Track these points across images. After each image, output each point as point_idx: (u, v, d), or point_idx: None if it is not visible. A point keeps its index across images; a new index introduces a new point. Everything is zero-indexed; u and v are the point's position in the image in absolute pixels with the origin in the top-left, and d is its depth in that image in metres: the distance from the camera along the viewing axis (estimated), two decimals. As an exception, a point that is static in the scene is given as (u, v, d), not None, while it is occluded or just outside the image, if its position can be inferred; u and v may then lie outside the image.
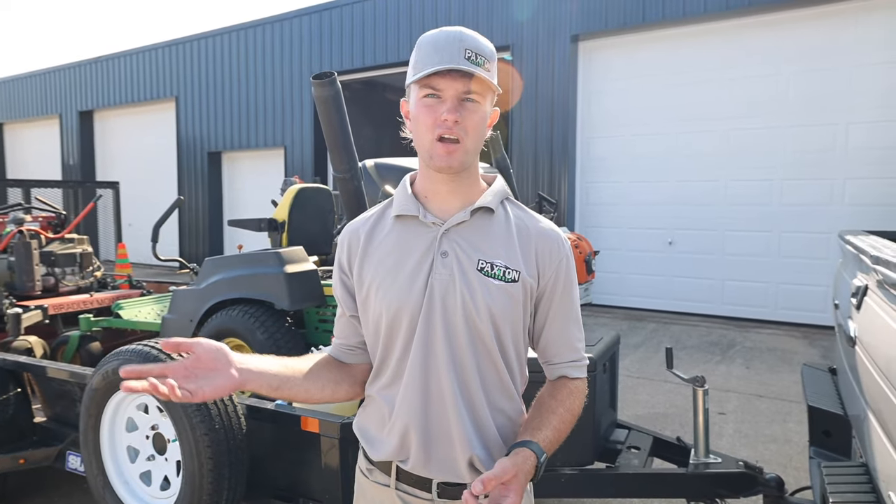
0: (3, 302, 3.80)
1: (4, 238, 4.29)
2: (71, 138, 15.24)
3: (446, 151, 1.06)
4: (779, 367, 5.39)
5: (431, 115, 1.06)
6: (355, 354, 1.22)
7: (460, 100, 1.05)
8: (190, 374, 0.97)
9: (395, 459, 1.14)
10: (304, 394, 1.12)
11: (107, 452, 2.32)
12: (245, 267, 3.26)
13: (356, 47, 10.43)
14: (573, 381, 1.18)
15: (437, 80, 1.04)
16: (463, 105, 1.05)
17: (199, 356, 0.98)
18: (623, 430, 2.69)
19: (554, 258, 1.15)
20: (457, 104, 1.05)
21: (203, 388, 0.96)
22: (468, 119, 1.06)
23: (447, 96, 1.05)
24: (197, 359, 0.98)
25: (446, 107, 1.04)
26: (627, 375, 5.07)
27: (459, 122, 1.05)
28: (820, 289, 6.80)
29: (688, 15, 7.41)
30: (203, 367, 0.98)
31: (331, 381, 1.17)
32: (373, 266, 1.15)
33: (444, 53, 1.04)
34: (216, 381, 0.98)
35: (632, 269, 8.09)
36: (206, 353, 0.99)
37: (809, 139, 6.92)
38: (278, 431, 2.18)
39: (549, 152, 8.54)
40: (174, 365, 0.96)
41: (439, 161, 1.07)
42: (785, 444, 3.74)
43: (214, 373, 0.99)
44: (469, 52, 1.04)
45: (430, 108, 1.06)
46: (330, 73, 2.26)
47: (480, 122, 1.08)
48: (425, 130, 1.07)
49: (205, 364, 0.98)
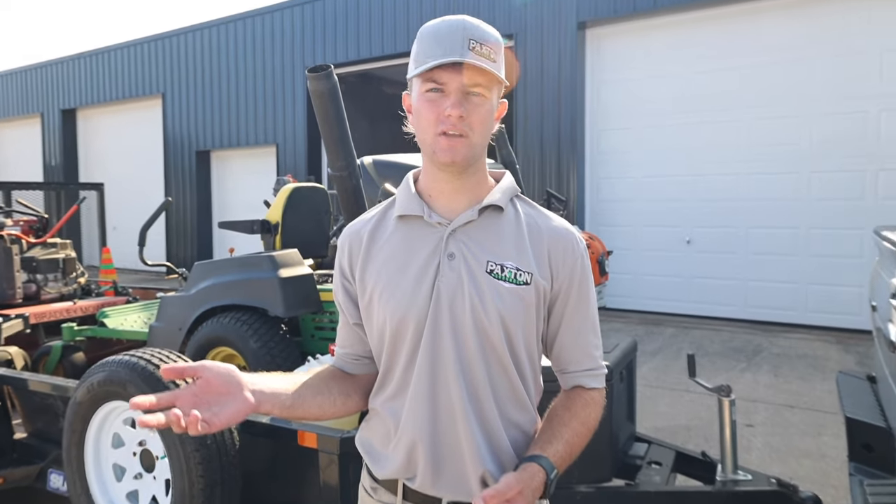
0: (-19, 311, 3.80)
1: (-18, 244, 4.29)
2: (53, 138, 15.33)
3: (450, 145, 1.05)
4: (810, 375, 5.34)
5: (434, 110, 1.05)
6: (361, 364, 1.21)
7: (465, 93, 1.04)
8: (201, 401, 0.94)
9: (402, 477, 1.13)
10: (317, 410, 1.12)
11: (91, 470, 2.31)
12: (237, 271, 3.26)
13: (350, 39, 10.45)
14: (589, 392, 1.16)
15: (439, 73, 1.03)
16: (468, 99, 1.04)
17: (208, 381, 0.96)
18: (643, 443, 2.66)
19: (568, 259, 1.13)
20: (461, 98, 1.04)
21: (218, 415, 0.94)
22: (473, 113, 1.05)
23: (451, 90, 1.03)
24: (206, 383, 0.96)
25: (450, 101, 1.03)
26: (645, 385, 5.04)
27: (464, 116, 1.03)
28: (853, 289, 6.74)
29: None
30: (214, 392, 0.96)
31: (341, 393, 1.16)
32: (375, 270, 1.14)
33: (447, 44, 1.02)
34: (231, 407, 0.96)
35: (647, 270, 8.05)
36: (216, 377, 0.97)
37: (838, 128, 6.87)
38: (274, 447, 2.17)
39: (556, 147, 8.53)
40: (183, 392, 0.93)
41: (443, 156, 1.06)
42: (820, 459, 3.70)
43: (227, 397, 0.96)
44: (473, 43, 1.03)
45: (433, 102, 1.05)
46: (326, 65, 2.27)
47: (487, 116, 1.07)
48: (428, 126, 1.06)
49: (216, 388, 0.96)
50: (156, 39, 13.23)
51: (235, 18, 11.99)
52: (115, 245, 8.85)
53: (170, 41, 13.01)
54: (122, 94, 13.91)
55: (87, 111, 15.10)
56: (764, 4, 7.22)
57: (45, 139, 15.48)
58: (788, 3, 7.10)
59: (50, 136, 15.39)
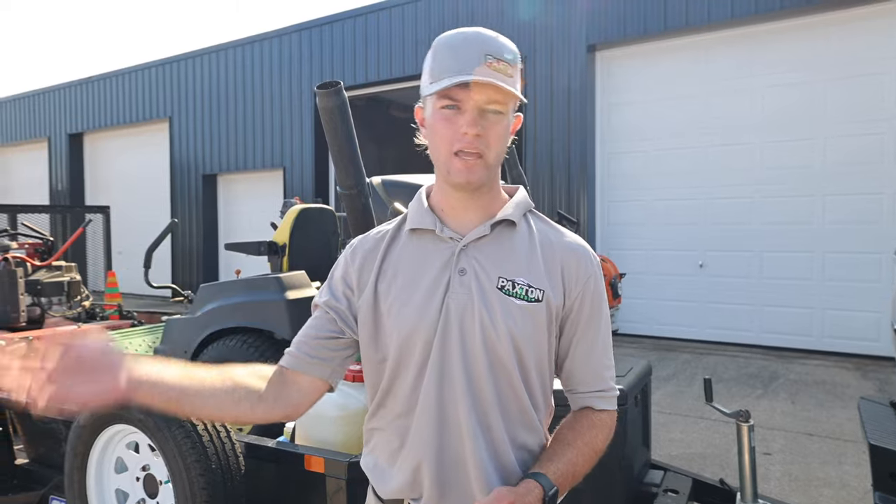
0: (-15, 334, 3.82)
1: (-12, 266, 4.34)
2: (60, 162, 15.56)
3: (465, 167, 1.04)
4: (829, 402, 5.26)
5: (450, 127, 1.04)
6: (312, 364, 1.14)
7: (481, 111, 1.03)
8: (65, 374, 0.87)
9: (407, 497, 1.12)
10: (212, 409, 1.05)
11: (93, 496, 2.30)
12: (243, 294, 3.27)
13: (358, 62, 10.62)
14: (598, 413, 1.15)
15: (455, 90, 1.03)
16: (484, 116, 1.03)
17: (79, 355, 0.90)
18: (658, 471, 2.62)
19: (582, 275, 1.13)
20: (477, 117, 1.03)
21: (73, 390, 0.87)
22: (490, 132, 1.04)
23: (467, 108, 1.03)
24: (77, 358, 0.89)
25: (466, 119, 1.03)
26: (659, 411, 4.97)
27: (481, 135, 1.03)
28: (871, 315, 6.67)
29: (713, 20, 7.47)
30: (83, 368, 0.89)
31: (252, 395, 1.07)
32: (386, 284, 1.13)
33: (464, 60, 1.02)
34: (92, 387, 0.89)
35: (659, 295, 8.01)
36: (90, 351, 0.91)
37: (851, 150, 6.88)
38: (279, 471, 2.15)
39: (566, 170, 8.57)
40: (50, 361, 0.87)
41: (458, 177, 1.06)
42: (842, 488, 3.63)
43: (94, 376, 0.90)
44: (490, 58, 1.02)
45: (449, 120, 1.04)
46: (335, 82, 2.29)
47: (503, 133, 1.07)
48: (442, 144, 1.06)
49: (86, 364, 0.90)
50: (163, 64, 13.50)
51: (242, 42, 12.23)
52: (121, 270, 8.90)
53: (177, 65, 13.27)
54: (128, 119, 14.15)
55: (94, 135, 15.36)
56: (775, 26, 7.30)
57: (52, 163, 15.72)
58: (800, 24, 7.18)
59: (57, 160, 15.63)
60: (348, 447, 2.11)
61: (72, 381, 0.88)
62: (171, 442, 2.01)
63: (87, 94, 15.00)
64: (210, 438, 2.04)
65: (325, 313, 1.16)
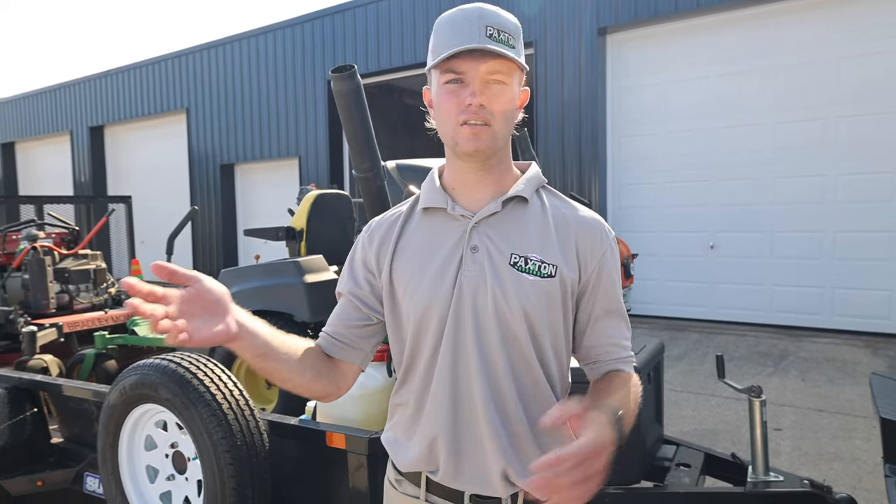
0: (18, 320, 3.91)
1: (18, 255, 4.42)
2: (82, 154, 15.72)
3: (473, 133, 1.03)
4: (839, 379, 5.23)
5: (454, 100, 1.03)
6: (341, 348, 1.17)
7: (485, 82, 1.02)
8: (186, 310, 0.90)
9: (424, 470, 1.12)
10: (284, 372, 1.06)
11: (125, 472, 2.35)
12: (263, 278, 3.31)
13: (371, 50, 10.57)
14: (626, 373, 1.12)
15: (458, 62, 1.01)
16: (488, 87, 1.02)
17: (199, 293, 0.92)
18: (671, 446, 2.62)
19: (597, 250, 1.11)
20: (482, 87, 1.02)
21: (199, 330, 0.90)
22: (495, 101, 1.03)
23: (470, 79, 1.02)
24: (197, 295, 0.92)
25: (470, 90, 1.02)
26: (670, 389, 4.97)
27: (486, 105, 1.02)
28: (882, 293, 6.59)
29: (724, 1, 7.32)
30: (200, 307, 0.92)
31: (313, 369, 1.10)
32: (402, 263, 1.13)
33: (464, 33, 1.01)
34: (212, 327, 0.92)
35: (671, 276, 7.96)
36: (208, 293, 0.93)
37: (864, 129, 6.74)
38: (302, 448, 2.18)
39: (577, 153, 8.50)
40: (174, 295, 0.89)
41: (466, 144, 1.04)
42: (851, 462, 3.61)
43: (212, 316, 0.93)
44: (491, 30, 1.01)
45: (453, 93, 1.03)
46: (350, 65, 2.27)
47: (509, 104, 1.05)
48: (449, 117, 1.05)
49: (204, 304, 0.92)
50: (179, 56, 13.53)
51: (257, 33, 12.21)
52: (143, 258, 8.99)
53: (193, 57, 13.29)
54: (147, 111, 14.23)
55: (114, 128, 15.47)
56: (785, 6, 7.14)
57: (75, 156, 15.88)
58: (810, 4, 7.02)
59: (79, 152, 15.79)
60: (367, 425, 2.13)
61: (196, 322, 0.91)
62: (198, 420, 2.05)
63: (107, 88, 15.09)
64: (235, 417, 2.07)
65: (349, 301, 1.18)
